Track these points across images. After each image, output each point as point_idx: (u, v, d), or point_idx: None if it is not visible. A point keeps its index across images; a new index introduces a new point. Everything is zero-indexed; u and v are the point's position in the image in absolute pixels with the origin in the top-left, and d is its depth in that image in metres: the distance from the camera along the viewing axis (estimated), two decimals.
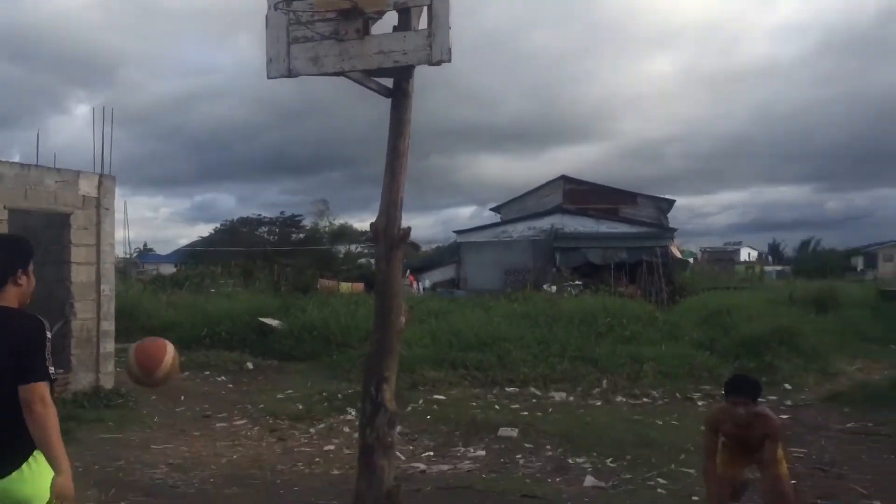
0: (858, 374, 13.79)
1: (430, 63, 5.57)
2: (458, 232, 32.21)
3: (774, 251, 79.03)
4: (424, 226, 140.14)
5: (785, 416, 10.56)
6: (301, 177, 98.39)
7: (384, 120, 6.03)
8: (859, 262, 64.79)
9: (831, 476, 7.43)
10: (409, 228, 6.16)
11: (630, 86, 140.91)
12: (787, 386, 12.83)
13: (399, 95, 5.97)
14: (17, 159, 10.71)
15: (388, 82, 6.00)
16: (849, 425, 9.85)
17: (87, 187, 10.76)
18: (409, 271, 31.68)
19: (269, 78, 6.04)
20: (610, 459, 8.06)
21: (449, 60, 5.50)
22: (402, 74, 5.90)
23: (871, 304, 21.19)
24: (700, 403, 11.14)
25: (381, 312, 6.09)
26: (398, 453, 8.25)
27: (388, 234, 6.08)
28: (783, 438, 5.76)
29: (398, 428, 9.27)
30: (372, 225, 6.21)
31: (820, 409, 11.07)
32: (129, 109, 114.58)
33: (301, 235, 49.45)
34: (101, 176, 10.98)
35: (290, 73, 5.96)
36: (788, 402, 11.62)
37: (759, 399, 5.64)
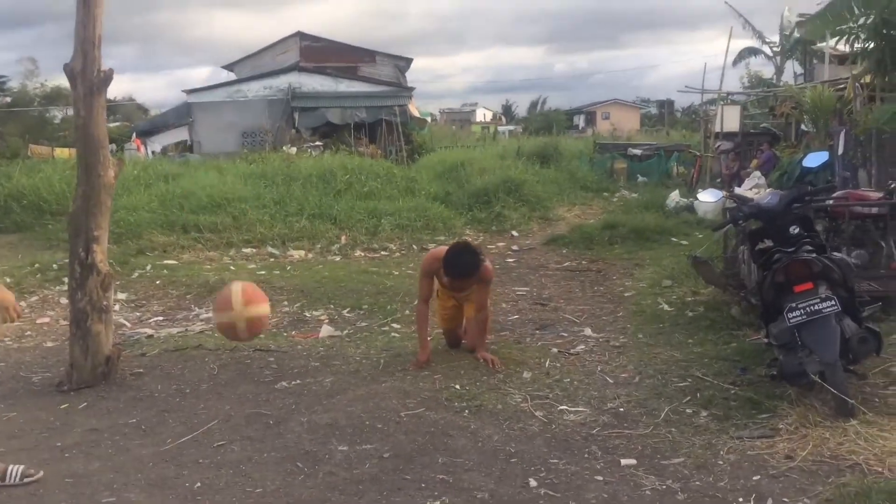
0: (575, 218, 14.98)
1: None
2: (189, 91, 30.10)
3: (507, 111, 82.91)
4: (155, 88, 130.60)
5: (511, 260, 11.29)
6: (5, 32, 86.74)
7: None
8: (581, 120, 69.97)
9: (549, 309, 8.03)
10: (111, 70, 5.53)
11: None
12: (515, 233, 13.67)
13: None
14: None
15: None
16: (565, 264, 10.71)
17: None
18: (135, 135, 29.37)
19: None
20: (347, 310, 8.13)
21: None
22: None
23: (588, 156, 22.93)
24: None
25: (85, 165, 5.49)
26: (124, 321, 7.77)
27: (86, 77, 5.43)
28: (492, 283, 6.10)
29: (123, 295, 8.77)
30: (66, 66, 5.48)
31: (541, 251, 11.92)
32: None
33: (7, 99, 44.03)
34: None
35: None
36: (515, 248, 12.40)
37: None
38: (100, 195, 5.48)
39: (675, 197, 15.08)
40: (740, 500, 3.61)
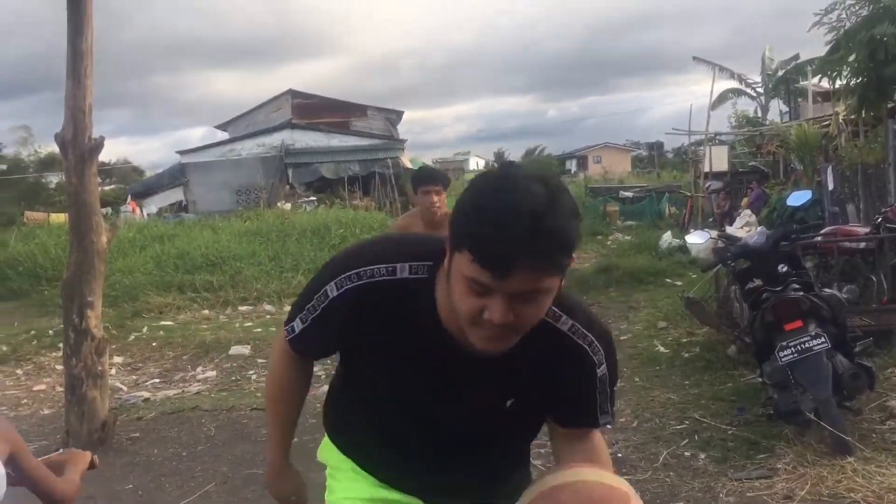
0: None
1: None
2: (182, 152, 30.35)
3: (499, 159, 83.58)
4: (151, 150, 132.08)
5: None
6: (4, 101, 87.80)
7: None
8: (573, 165, 70.51)
9: None
10: (102, 138, 5.62)
11: None
12: None
13: None
14: None
15: None
16: None
17: None
18: (130, 197, 29.57)
19: None
20: None
21: None
22: None
23: (580, 200, 23.10)
24: None
25: (78, 232, 5.55)
26: (120, 384, 7.75)
27: (77, 145, 5.51)
28: None
29: (119, 358, 8.76)
30: (57, 136, 5.58)
31: None
32: None
33: (2, 167, 44.50)
34: None
35: None
36: None
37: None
38: (93, 261, 5.52)
39: (667, 238, 15.17)
40: None
